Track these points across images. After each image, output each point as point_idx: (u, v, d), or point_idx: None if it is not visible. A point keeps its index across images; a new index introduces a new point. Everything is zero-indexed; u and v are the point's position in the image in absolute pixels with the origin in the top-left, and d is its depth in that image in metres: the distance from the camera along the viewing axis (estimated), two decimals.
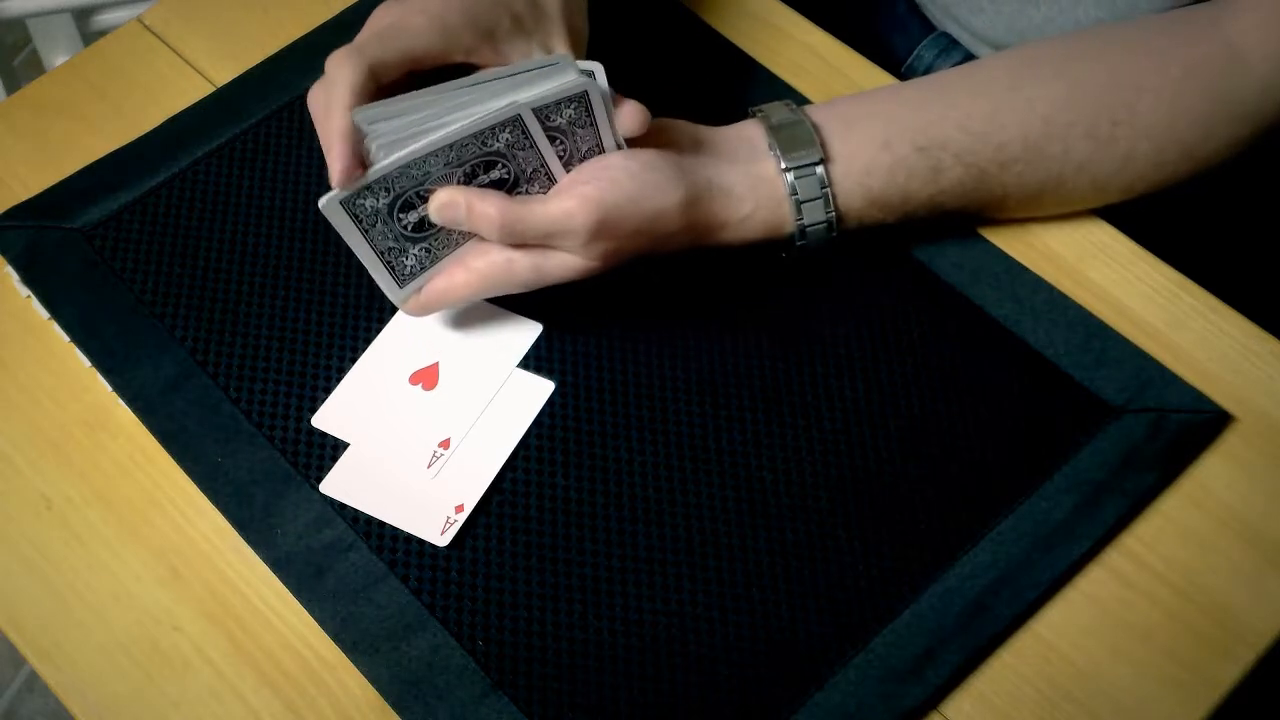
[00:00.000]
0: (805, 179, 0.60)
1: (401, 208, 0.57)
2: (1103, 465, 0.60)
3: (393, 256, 0.58)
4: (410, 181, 0.56)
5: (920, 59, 0.83)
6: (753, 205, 0.60)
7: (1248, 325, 0.64)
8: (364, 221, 0.56)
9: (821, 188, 0.60)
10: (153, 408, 0.62)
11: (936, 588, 0.57)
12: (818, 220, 0.61)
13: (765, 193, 0.61)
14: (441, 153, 0.56)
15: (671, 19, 0.74)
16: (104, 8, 1.19)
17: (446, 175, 0.57)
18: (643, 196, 0.57)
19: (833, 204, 0.60)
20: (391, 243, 0.57)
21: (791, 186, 0.60)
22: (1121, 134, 0.61)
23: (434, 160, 0.56)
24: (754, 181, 0.61)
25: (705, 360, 0.63)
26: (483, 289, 0.60)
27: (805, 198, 0.60)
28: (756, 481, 0.60)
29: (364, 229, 0.56)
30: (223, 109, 0.71)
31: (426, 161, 0.56)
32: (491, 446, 0.60)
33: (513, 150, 0.57)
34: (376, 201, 0.56)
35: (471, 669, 0.55)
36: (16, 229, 0.67)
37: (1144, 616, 0.57)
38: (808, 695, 0.55)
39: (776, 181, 0.60)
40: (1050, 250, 0.66)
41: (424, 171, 0.56)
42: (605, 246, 0.57)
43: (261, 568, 0.58)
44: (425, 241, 0.58)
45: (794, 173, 0.60)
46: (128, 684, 0.56)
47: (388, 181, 0.56)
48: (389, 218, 0.57)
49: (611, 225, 0.57)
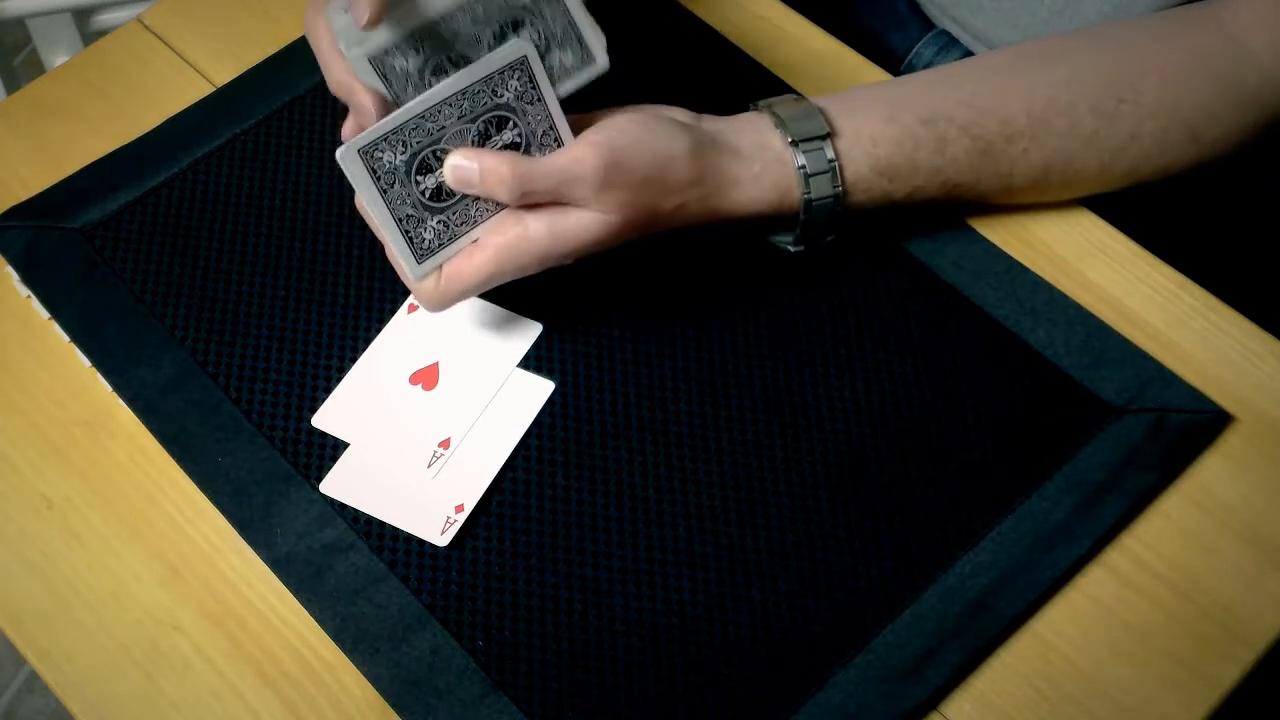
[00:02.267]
0: (813, 152, 0.60)
1: (419, 169, 0.56)
2: (1103, 465, 0.60)
3: (410, 225, 0.57)
4: (426, 137, 0.56)
5: (919, 56, 0.83)
6: (760, 165, 0.60)
7: (1248, 325, 0.64)
8: (382, 179, 0.56)
9: (829, 161, 0.60)
10: (153, 408, 0.62)
11: (936, 588, 0.57)
12: (825, 194, 0.60)
13: (772, 157, 0.60)
14: (454, 101, 0.56)
15: (671, 19, 0.74)
16: (104, 8, 1.20)
17: (461, 132, 0.56)
18: (651, 140, 0.57)
19: (840, 176, 0.60)
20: (409, 209, 0.57)
21: (799, 160, 0.60)
22: (1127, 110, 0.62)
23: (447, 112, 0.56)
24: (760, 147, 0.60)
25: (705, 360, 0.63)
26: (501, 266, 0.58)
27: (813, 170, 0.60)
28: (756, 481, 0.60)
29: (381, 188, 0.56)
30: (223, 109, 0.71)
31: (440, 113, 0.56)
32: (491, 446, 0.60)
33: (522, 104, 0.57)
34: (394, 157, 0.56)
35: (471, 669, 0.55)
36: (16, 229, 0.67)
37: (1144, 616, 0.57)
38: (808, 695, 0.55)
39: (784, 153, 0.60)
40: (1050, 250, 0.66)
41: (439, 125, 0.56)
42: (618, 196, 0.57)
43: (261, 568, 0.58)
44: (443, 214, 0.57)
45: (801, 146, 0.60)
46: (128, 684, 0.56)
47: (404, 134, 0.55)
48: (406, 179, 0.56)
49: (622, 169, 0.56)
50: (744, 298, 0.65)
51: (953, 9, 0.81)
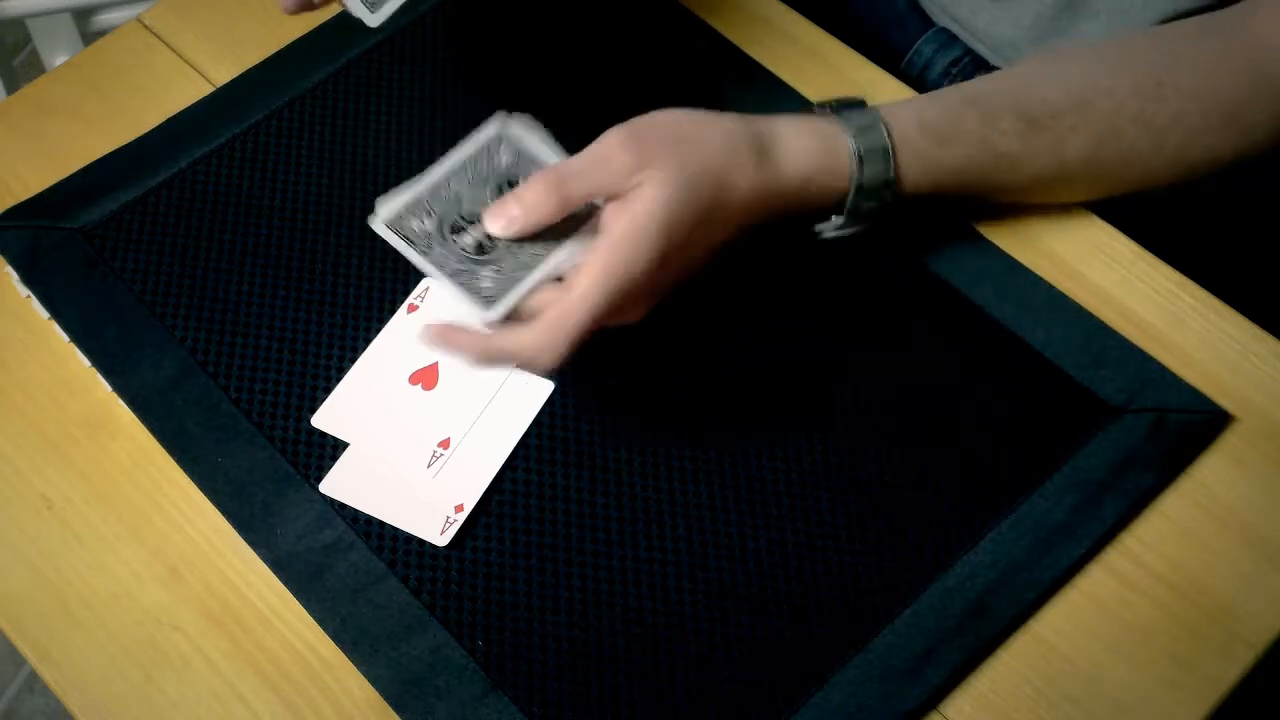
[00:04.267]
0: (860, 116, 0.60)
1: (452, 230, 0.57)
2: (1103, 465, 0.60)
3: (464, 280, 0.57)
4: (446, 203, 0.56)
5: (919, 54, 0.83)
6: (801, 123, 0.59)
7: (1248, 325, 0.64)
8: (418, 243, 0.56)
9: (878, 120, 0.59)
10: (153, 408, 0.62)
11: (936, 588, 0.57)
12: (876, 146, 0.59)
13: (815, 122, 0.60)
14: (459, 173, 0.57)
15: (671, 19, 0.74)
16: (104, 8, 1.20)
17: (475, 197, 0.57)
18: (671, 111, 0.57)
19: (889, 135, 0.59)
20: (457, 264, 0.57)
21: (847, 124, 0.59)
22: (1167, 93, 0.62)
23: (457, 179, 0.57)
24: (799, 118, 0.60)
25: (705, 360, 0.63)
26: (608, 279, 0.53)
27: (862, 125, 0.59)
28: (756, 482, 0.60)
29: (421, 250, 0.56)
30: (223, 109, 0.71)
31: (450, 184, 0.57)
32: (491, 446, 0.60)
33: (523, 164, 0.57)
34: (423, 223, 0.56)
35: (471, 669, 0.55)
36: (16, 229, 0.67)
37: (1144, 616, 0.57)
38: (808, 695, 0.55)
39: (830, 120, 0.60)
40: (1050, 250, 0.66)
41: (454, 191, 0.56)
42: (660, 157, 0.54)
43: (261, 568, 0.58)
44: (493, 264, 0.57)
45: (846, 114, 0.60)
46: (128, 683, 0.56)
47: (424, 203, 0.56)
48: (443, 239, 0.57)
49: (648, 132, 0.55)
50: (744, 298, 0.65)
51: (952, 7, 0.81)
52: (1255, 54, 0.63)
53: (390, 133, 0.70)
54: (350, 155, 0.70)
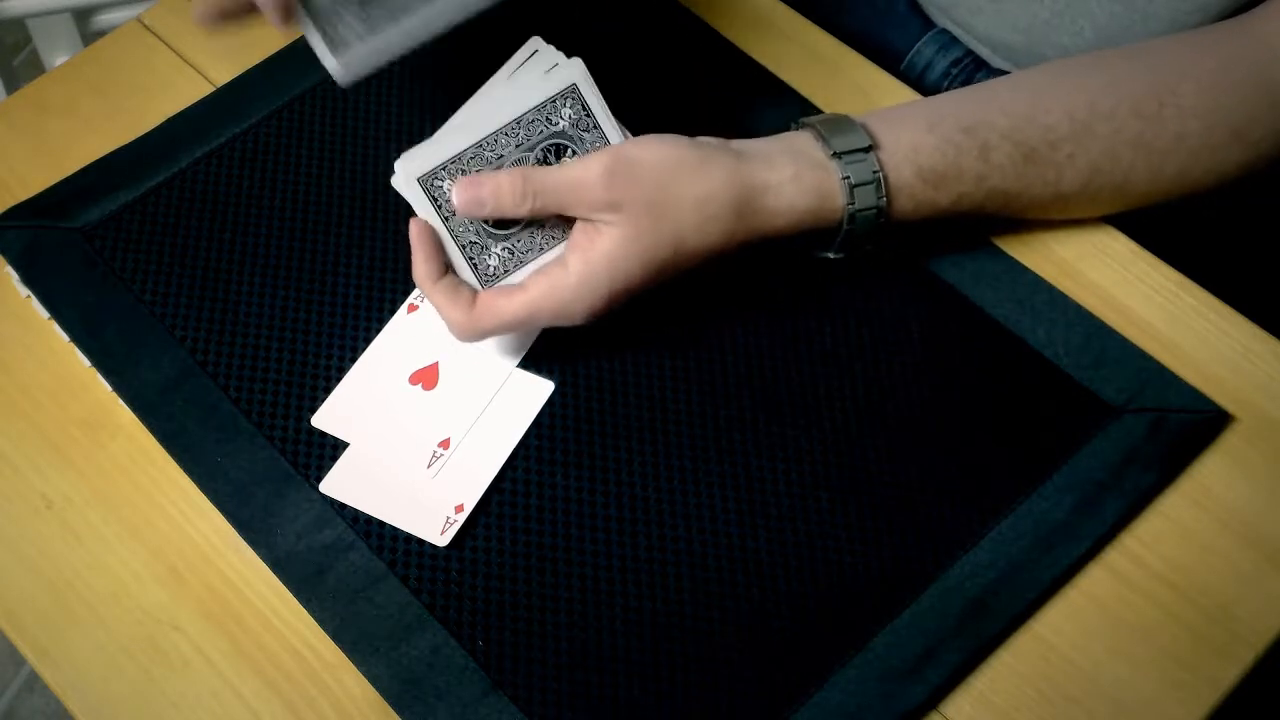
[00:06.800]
0: (856, 164, 0.59)
1: None
2: (1103, 465, 0.60)
3: (475, 253, 0.56)
4: (485, 165, 0.56)
5: (920, 55, 0.83)
6: (794, 170, 0.59)
7: (1248, 325, 0.64)
8: (443, 207, 0.56)
9: (873, 172, 0.59)
10: (153, 408, 0.62)
11: (936, 588, 0.57)
12: (869, 205, 0.59)
13: (809, 163, 0.59)
14: (510, 131, 0.56)
15: (671, 20, 0.74)
16: (104, 8, 1.20)
17: (520, 161, 0.56)
18: (662, 145, 0.57)
19: (884, 185, 0.59)
20: (473, 236, 0.56)
21: (842, 171, 0.59)
22: (1169, 114, 0.61)
23: (504, 140, 0.56)
24: (795, 154, 0.59)
25: (705, 360, 0.63)
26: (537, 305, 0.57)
27: (858, 181, 0.59)
28: (756, 482, 0.60)
29: (444, 215, 0.56)
30: (223, 109, 0.71)
31: (497, 142, 0.56)
32: (491, 446, 0.60)
33: (578, 130, 0.57)
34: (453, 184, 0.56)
35: (471, 669, 0.55)
36: (16, 229, 0.67)
37: (1144, 616, 0.57)
38: (808, 695, 0.55)
39: (825, 162, 0.59)
40: (1050, 250, 0.66)
41: (497, 154, 0.56)
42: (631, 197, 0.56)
43: (261, 568, 0.58)
44: (508, 241, 0.57)
45: (844, 158, 0.59)
46: (127, 683, 0.56)
47: (462, 163, 0.56)
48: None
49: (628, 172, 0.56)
50: (744, 298, 0.65)
51: (953, 10, 0.81)
52: (1261, 62, 0.62)
53: (390, 133, 0.70)
54: (350, 155, 0.70)
